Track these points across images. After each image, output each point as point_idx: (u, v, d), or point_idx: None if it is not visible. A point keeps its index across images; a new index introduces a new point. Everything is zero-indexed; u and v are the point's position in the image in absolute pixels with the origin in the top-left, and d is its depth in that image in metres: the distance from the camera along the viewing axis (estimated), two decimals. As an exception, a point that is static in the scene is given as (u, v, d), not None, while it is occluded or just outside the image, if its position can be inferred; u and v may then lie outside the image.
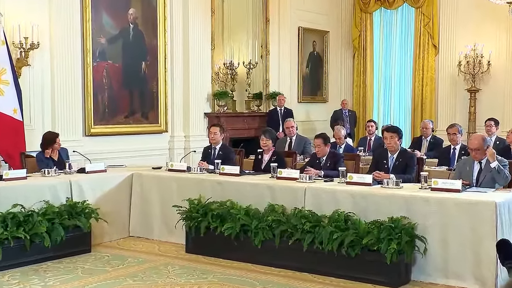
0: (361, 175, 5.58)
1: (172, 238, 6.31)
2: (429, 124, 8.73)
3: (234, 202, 5.74)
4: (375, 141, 9.29)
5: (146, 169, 6.87)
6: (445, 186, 4.98)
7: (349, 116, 11.71)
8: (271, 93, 11.23)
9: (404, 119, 12.56)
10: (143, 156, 8.66)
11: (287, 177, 5.81)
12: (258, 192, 5.72)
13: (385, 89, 12.81)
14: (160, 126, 9.27)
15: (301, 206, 5.37)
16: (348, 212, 5.10)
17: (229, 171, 6.22)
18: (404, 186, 5.28)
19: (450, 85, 11.60)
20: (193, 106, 9.64)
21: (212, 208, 5.76)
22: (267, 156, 6.85)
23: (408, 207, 4.91)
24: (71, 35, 7.92)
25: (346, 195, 5.22)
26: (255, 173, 6.50)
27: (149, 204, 6.55)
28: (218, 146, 7.20)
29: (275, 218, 5.33)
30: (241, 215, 5.52)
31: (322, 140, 6.50)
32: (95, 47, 8.24)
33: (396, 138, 6.00)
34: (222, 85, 10.50)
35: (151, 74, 9.08)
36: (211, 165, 6.87)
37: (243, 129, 10.68)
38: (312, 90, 12.61)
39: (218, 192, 5.97)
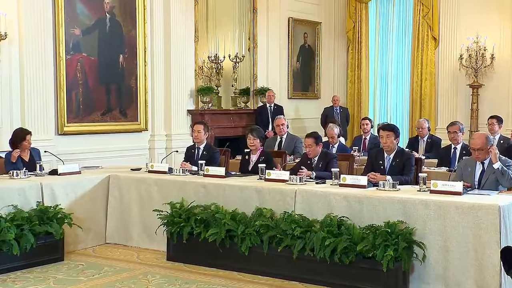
0: (355, 176, 5.58)
1: (152, 245, 6.29)
2: (425, 123, 8.76)
3: (219, 206, 5.73)
4: (370, 140, 9.32)
5: (124, 171, 6.84)
6: (445, 189, 5.00)
7: (340, 113, 11.74)
8: (259, 88, 11.24)
9: (401, 117, 12.62)
10: (121, 157, 8.63)
11: (276, 179, 5.81)
12: (245, 195, 5.72)
13: (381, 84, 12.86)
14: (139, 124, 9.24)
15: (291, 210, 5.37)
16: (341, 217, 5.10)
17: (213, 173, 6.21)
18: (401, 189, 5.30)
19: (451, 81, 11.66)
20: (175, 103, 9.62)
21: (196, 212, 5.75)
22: (255, 157, 6.84)
23: (405, 211, 4.92)
24: (42, 26, 7.86)
25: (339, 198, 5.23)
26: (242, 175, 6.49)
27: (128, 208, 6.53)
28: (202, 146, 7.19)
29: (263, 223, 5.33)
30: (226, 220, 5.51)
31: (314, 140, 6.50)
32: (68, 38, 8.19)
33: (393, 137, 6.02)
34: (207, 80, 10.49)
35: (130, 68, 9.04)
36: (194, 166, 6.86)
37: (229, 128, 10.68)
38: (303, 85, 12.64)
39: (202, 195, 5.95)
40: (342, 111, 11.86)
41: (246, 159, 6.93)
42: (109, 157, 8.44)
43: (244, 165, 6.92)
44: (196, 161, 6.87)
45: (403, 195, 5.03)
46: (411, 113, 12.25)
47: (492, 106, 11.00)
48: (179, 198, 5.98)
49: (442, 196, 4.91)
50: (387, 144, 6.03)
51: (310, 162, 6.55)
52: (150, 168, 6.70)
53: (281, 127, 8.62)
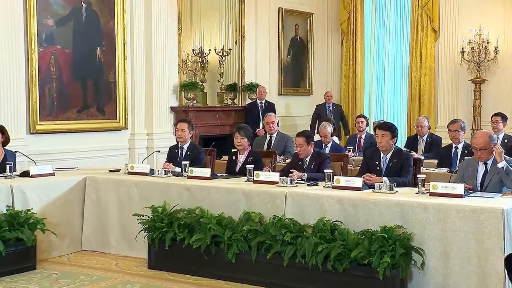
0: (350, 178, 5.60)
1: (132, 252, 6.27)
2: (424, 121, 8.80)
3: (204, 209, 5.73)
4: (366, 139, 9.36)
5: (102, 172, 6.82)
6: (445, 191, 5.02)
7: (333, 110, 11.77)
8: (247, 84, 11.24)
9: (399, 114, 12.68)
10: (98, 157, 8.60)
11: (265, 180, 5.82)
12: (232, 198, 5.72)
13: (377, 79, 12.91)
14: (118, 122, 9.21)
15: (281, 214, 5.38)
16: (334, 221, 5.11)
17: (198, 174, 6.21)
18: (398, 191, 5.32)
19: (452, 75, 11.71)
20: (157, 99, 9.60)
21: (179, 216, 5.75)
22: (243, 157, 6.85)
23: (403, 215, 4.93)
24: (12, 16, 7.81)
25: (332, 202, 5.24)
26: (229, 177, 6.49)
27: (105, 212, 6.51)
28: (186, 146, 7.18)
29: (251, 228, 5.33)
30: (212, 224, 5.51)
31: (305, 139, 6.51)
32: (41, 30, 8.15)
33: (389, 137, 6.05)
34: (191, 75, 10.48)
35: (108, 61, 9.01)
36: (177, 167, 6.86)
37: (215, 126, 10.67)
38: (294, 81, 12.66)
39: (186, 198, 5.95)
40: (335, 108, 11.89)
41: (233, 159, 6.93)
42: (85, 158, 8.40)
43: (231, 166, 6.92)
44: (179, 162, 6.86)
45: (401, 198, 5.05)
46: (409, 110, 12.30)
47: (496, 102, 11.07)
48: (161, 201, 5.96)
49: (442, 199, 4.92)
50: (382, 144, 6.06)
51: (301, 162, 6.56)
52: (130, 170, 6.69)
53: (271, 125, 8.63)
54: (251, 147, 7.04)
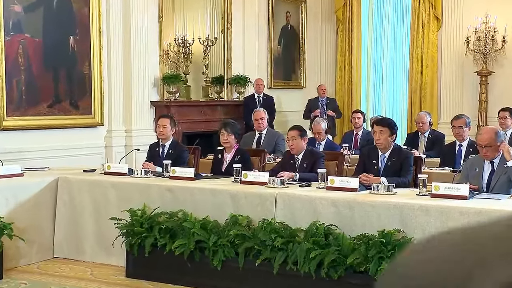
0: (345, 178, 5.62)
1: (109, 259, 6.27)
2: (426, 117, 8.84)
3: (187, 213, 5.73)
4: (362, 136, 9.38)
5: (76, 172, 6.81)
6: (448, 192, 5.05)
7: (327, 105, 11.80)
8: (234, 77, 11.25)
9: (399, 109, 12.72)
10: (71, 156, 8.57)
11: (254, 181, 5.83)
12: (218, 200, 5.73)
13: (375, 72, 12.95)
14: (93, 117, 9.18)
15: (271, 218, 5.39)
16: (329, 225, 5.13)
17: (181, 174, 6.21)
18: (398, 192, 5.35)
19: (456, 67, 11.77)
20: (136, 93, 9.59)
21: (160, 220, 5.75)
22: (229, 155, 6.85)
23: (403, 218, 4.96)
24: (-22, 2, 7.78)
25: (326, 204, 5.25)
26: (214, 177, 6.51)
27: (79, 216, 6.50)
28: (167, 143, 7.19)
29: (238, 232, 5.34)
30: (196, 229, 5.51)
31: (298, 132, 6.55)
32: (7, 16, 8.10)
33: (388, 134, 6.07)
34: (173, 66, 10.46)
35: (82, 52, 8.97)
36: (158, 166, 6.86)
37: (199, 122, 10.67)
38: (286, 73, 12.68)
39: (168, 200, 5.96)
40: (329, 102, 11.91)
41: (219, 158, 6.94)
42: (57, 157, 8.37)
43: (216, 165, 6.93)
44: (160, 161, 6.86)
45: (400, 200, 5.08)
46: (410, 105, 12.35)
47: (504, 96, 11.11)
48: (141, 204, 5.96)
49: (445, 201, 4.95)
50: (380, 141, 6.08)
51: (293, 161, 6.58)
52: (106, 169, 6.68)
53: (260, 122, 8.64)
54: (239, 145, 7.04)
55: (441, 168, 7.31)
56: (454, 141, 7.67)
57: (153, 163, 6.97)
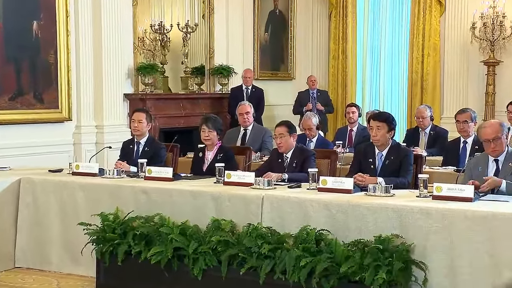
0: (338, 178, 5.62)
1: (78, 268, 6.25)
2: (426, 111, 8.84)
3: (164, 217, 5.72)
4: (357, 132, 9.41)
5: (41, 173, 6.78)
6: (452, 194, 5.05)
7: (318, 98, 11.80)
8: (216, 67, 11.24)
9: (398, 103, 12.77)
10: (36, 155, 8.55)
11: (238, 182, 5.83)
12: (199, 203, 5.72)
13: (372, 61, 12.98)
14: (60, 112, 9.15)
15: (257, 222, 5.39)
16: (320, 230, 5.13)
17: (158, 175, 6.21)
18: (396, 194, 5.35)
19: (461, 56, 11.80)
20: (108, 85, 9.56)
21: (134, 226, 5.73)
22: (211, 154, 6.86)
23: (402, 222, 4.96)
24: None
25: (318, 207, 5.25)
26: (195, 177, 6.50)
27: (44, 221, 6.46)
28: (143, 140, 7.18)
29: (221, 238, 5.33)
30: (174, 235, 5.50)
31: (286, 129, 6.55)
32: (-35, 0, 8.06)
33: (385, 130, 6.08)
34: (149, 55, 10.44)
35: (47, 38, 8.92)
36: (133, 166, 6.86)
37: (178, 117, 10.66)
38: (273, 63, 12.69)
39: (143, 203, 5.94)
40: (320, 95, 11.92)
41: (200, 157, 6.94)
42: (20, 155, 8.33)
43: (197, 164, 6.93)
44: (135, 160, 6.85)
45: (399, 202, 5.08)
46: (410, 98, 12.39)
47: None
48: (113, 207, 5.94)
49: (448, 203, 4.96)
50: (377, 138, 6.10)
51: (281, 160, 6.58)
52: (74, 169, 6.65)
53: (246, 116, 8.64)
54: (221, 142, 7.04)
55: (444, 167, 7.34)
56: (458, 138, 7.70)
57: (126, 162, 6.95)
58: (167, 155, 7.21)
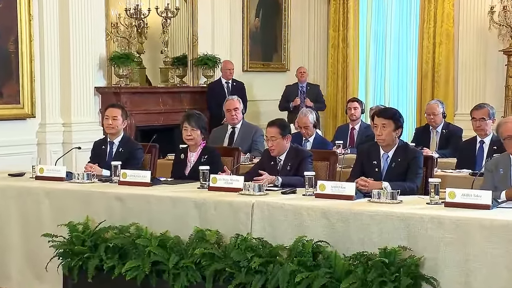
0: (338, 183, 5.62)
1: (42, 286, 6.22)
2: (438, 107, 8.83)
3: (141, 227, 5.72)
4: (360, 131, 9.42)
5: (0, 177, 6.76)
6: (466, 200, 5.05)
7: (307, 93, 11.79)
8: (200, 57, 11.23)
9: (405, 98, 12.78)
10: (-5, 156, 8.54)
11: (225, 187, 5.84)
12: (180, 212, 5.72)
13: (376, 50, 12.99)
14: (22, 107, 9.14)
15: (247, 233, 5.38)
16: (318, 241, 5.13)
17: (134, 179, 6.20)
18: (404, 201, 5.35)
19: (477, 44, 11.80)
20: (77, 77, 9.55)
21: (107, 237, 5.73)
22: (195, 155, 6.86)
23: (410, 232, 4.96)
24: None
25: (315, 215, 5.25)
26: (176, 182, 6.50)
27: (4, 232, 6.44)
28: (117, 140, 7.20)
29: (205, 251, 5.33)
30: (152, 247, 5.50)
31: (279, 130, 6.55)
32: None
33: (391, 128, 6.08)
34: (124, 43, 10.44)
35: (6, 24, 8.91)
36: (105, 169, 6.85)
37: (157, 113, 10.66)
38: (265, 53, 12.69)
39: (117, 212, 5.94)
40: (310, 89, 11.90)
41: (182, 159, 6.94)
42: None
43: (178, 167, 6.94)
44: (108, 162, 6.84)
45: (407, 210, 5.09)
46: (419, 92, 12.40)
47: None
48: (83, 216, 5.93)
49: (463, 211, 4.96)
50: (382, 137, 6.10)
51: (274, 162, 6.59)
52: (38, 173, 6.63)
53: (234, 113, 8.64)
54: (206, 141, 7.04)
55: (458, 170, 7.36)
56: (474, 137, 7.71)
57: (98, 165, 6.95)
58: (144, 157, 7.21)
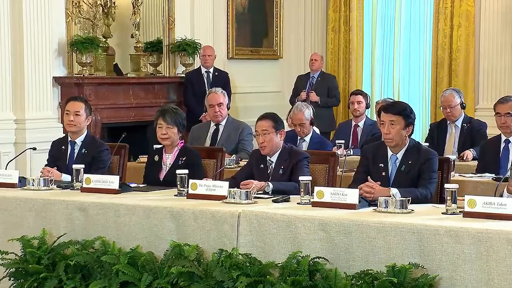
0: (339, 189, 5.64)
1: (-9, 311, 6.23)
2: (454, 97, 8.75)
3: (108, 242, 5.72)
4: (365, 129, 9.42)
5: None
6: (489, 210, 5.07)
7: (317, 84, 11.76)
8: (178, 42, 11.21)
9: (417, 89, 12.78)
10: None
11: (207, 194, 5.85)
12: (154, 223, 5.72)
13: (384, 34, 12.99)
14: (-34, 102, 9.14)
15: (232, 248, 5.39)
16: (315, 258, 5.15)
17: (100, 185, 6.21)
18: (415, 210, 5.38)
19: (502, 27, 11.82)
20: (32, 65, 9.55)
21: (67, 254, 5.72)
22: (171, 157, 6.87)
23: (422, 247, 4.98)
24: None
25: (312, 227, 5.26)
26: (149, 188, 6.51)
27: None
28: (80, 139, 7.20)
29: (183, 269, 5.33)
30: (121, 265, 5.49)
31: (272, 123, 6.56)
32: None
33: (401, 125, 6.07)
34: (88, 26, 10.41)
35: None
36: (66, 174, 6.85)
37: (127, 108, 10.64)
38: (254, 37, 12.70)
39: (79, 224, 5.94)
40: (321, 80, 11.89)
41: (156, 161, 6.95)
42: None
43: (152, 171, 6.94)
44: (69, 166, 6.84)
45: (419, 221, 5.09)
46: (434, 83, 12.40)
47: None
48: (39, 230, 5.93)
49: (485, 223, 4.97)
50: (390, 136, 6.09)
51: (264, 165, 6.60)
52: (-15, 179, 6.65)
53: (218, 109, 8.64)
54: (185, 141, 7.04)
55: (479, 174, 7.35)
56: (498, 135, 7.72)
57: (57, 169, 6.94)
58: (112, 159, 7.20)
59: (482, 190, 6.26)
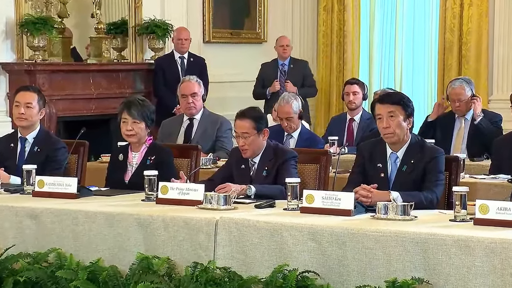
0: (332, 193, 5.66)
1: None
2: (465, 90, 8.78)
3: (64, 254, 5.73)
4: (361, 123, 9.46)
5: None
6: (504, 217, 5.10)
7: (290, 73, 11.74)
8: (146, 23, 11.22)
9: (423, 79, 12.82)
10: None
11: (179, 199, 5.88)
12: (118, 232, 5.74)
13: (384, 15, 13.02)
14: None
15: (208, 261, 5.41)
16: (304, 272, 5.17)
17: (54, 189, 6.22)
18: (419, 217, 5.41)
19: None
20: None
21: (17, 268, 5.73)
22: (138, 156, 6.89)
23: (427, 259, 5.00)
24: None
25: (300, 236, 5.28)
26: (112, 192, 6.54)
27: None
28: (31, 135, 7.20)
29: (152, 285, 5.35)
30: (80, 281, 5.50)
31: (252, 123, 6.59)
32: None
33: (401, 117, 6.10)
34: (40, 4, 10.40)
35: None
36: (15, 175, 6.87)
37: (86, 99, 10.65)
38: (235, 18, 12.73)
39: (31, 234, 5.96)
40: (294, 67, 11.85)
41: (121, 161, 6.97)
42: None
43: (116, 172, 6.97)
44: (19, 166, 6.85)
45: (423, 229, 5.12)
46: (441, 71, 12.44)
47: None
48: (-16, 240, 5.95)
49: (499, 232, 5.01)
50: (391, 129, 6.11)
51: (245, 165, 6.63)
52: None
53: (192, 100, 8.65)
54: (154, 138, 7.05)
55: (493, 176, 7.39)
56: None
57: (5, 170, 6.94)
58: (69, 159, 7.20)
59: (495, 194, 6.28)
